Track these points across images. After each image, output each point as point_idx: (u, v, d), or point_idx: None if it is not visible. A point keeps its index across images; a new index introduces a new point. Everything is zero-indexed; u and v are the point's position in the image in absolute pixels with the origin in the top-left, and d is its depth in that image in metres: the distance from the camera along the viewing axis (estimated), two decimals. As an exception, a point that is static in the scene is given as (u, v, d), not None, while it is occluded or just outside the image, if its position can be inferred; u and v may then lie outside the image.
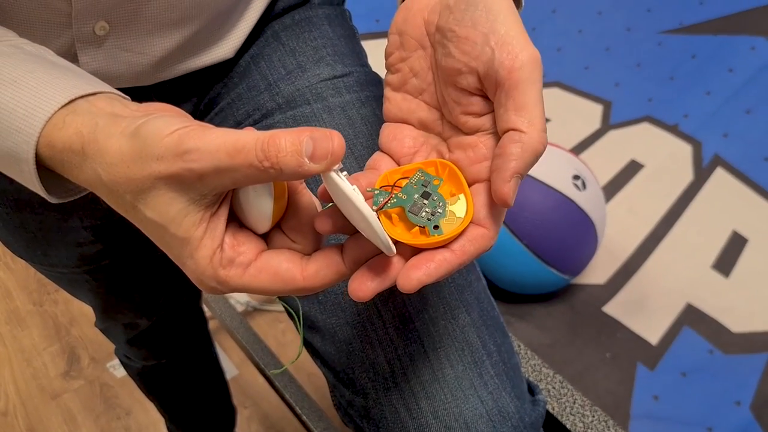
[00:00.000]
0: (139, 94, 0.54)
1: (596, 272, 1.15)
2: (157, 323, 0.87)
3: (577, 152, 1.37)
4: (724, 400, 0.97)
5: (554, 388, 0.89)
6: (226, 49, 0.56)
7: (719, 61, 1.49)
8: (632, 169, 1.36)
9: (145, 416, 1.43)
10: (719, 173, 1.33)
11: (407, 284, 0.32)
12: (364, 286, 0.33)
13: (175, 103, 0.50)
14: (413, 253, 0.34)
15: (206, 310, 1.19)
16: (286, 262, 0.34)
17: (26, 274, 1.73)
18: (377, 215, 0.33)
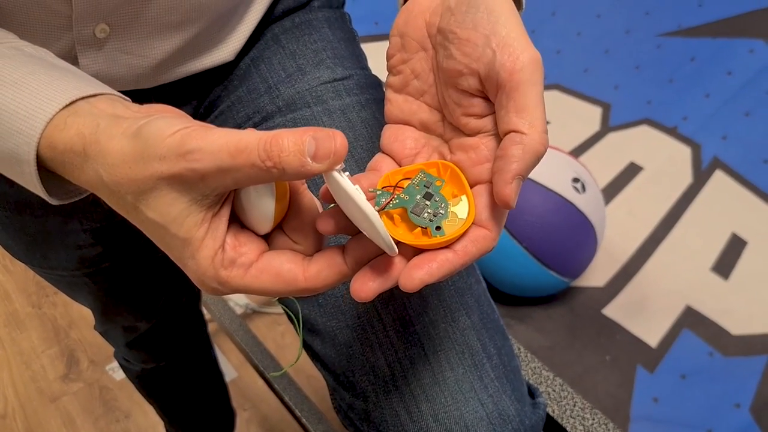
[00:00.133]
0: (139, 96, 0.54)
1: (596, 275, 1.15)
2: (156, 326, 0.86)
3: (576, 155, 1.37)
4: (723, 402, 0.97)
5: (554, 390, 0.89)
6: (226, 52, 0.56)
7: (718, 63, 1.49)
8: (631, 171, 1.36)
9: (144, 419, 1.43)
10: (718, 176, 1.34)
11: (409, 283, 0.32)
12: (365, 286, 0.33)
13: (175, 105, 0.49)
14: (415, 253, 0.34)
15: (205, 312, 1.19)
16: (287, 262, 0.34)
17: (25, 276, 1.73)
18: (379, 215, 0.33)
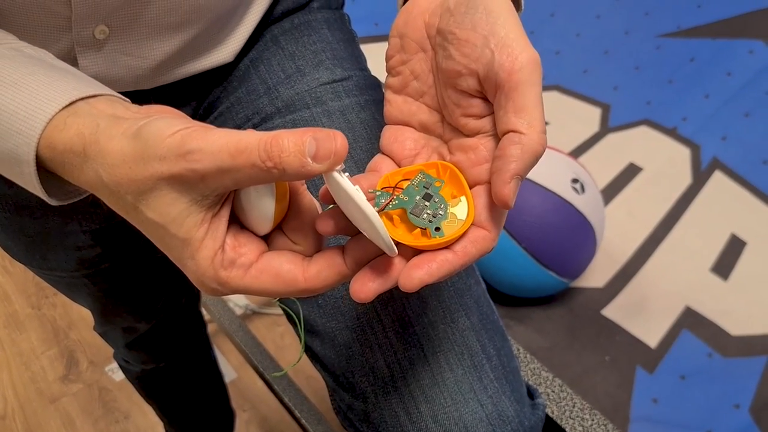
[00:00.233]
0: (138, 97, 0.54)
1: (595, 275, 1.15)
2: (155, 327, 0.86)
3: (575, 155, 1.38)
4: (723, 403, 0.97)
5: (553, 391, 0.89)
6: (225, 53, 0.56)
7: (718, 64, 1.49)
8: (631, 172, 1.36)
9: (143, 420, 1.43)
10: (718, 176, 1.34)
11: (408, 283, 0.32)
12: (365, 287, 0.33)
13: (174, 106, 0.49)
14: (414, 254, 0.34)
15: (205, 313, 1.19)
16: (287, 263, 0.34)
17: (25, 277, 1.73)
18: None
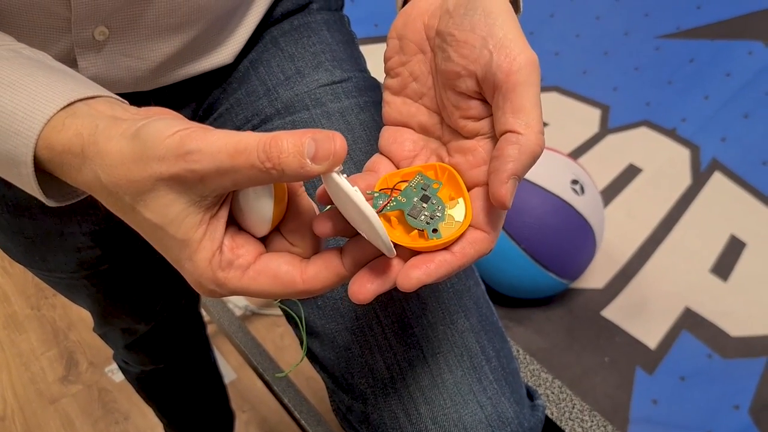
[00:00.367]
0: (138, 99, 0.54)
1: (594, 276, 1.15)
2: (155, 328, 0.86)
3: (575, 156, 1.38)
4: (722, 404, 0.97)
5: (553, 392, 0.89)
6: (225, 54, 0.56)
7: (717, 65, 1.49)
8: (630, 173, 1.36)
9: (143, 421, 1.43)
10: (717, 177, 1.34)
11: (406, 283, 0.32)
12: (363, 288, 0.33)
13: (173, 108, 0.50)
14: (412, 256, 0.34)
15: (205, 314, 1.19)
16: (285, 264, 0.34)
17: (24, 278, 1.73)
18: None
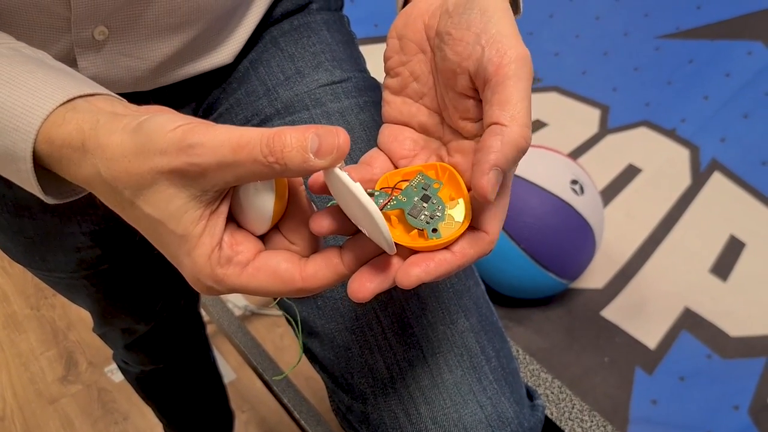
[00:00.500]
0: (137, 99, 0.54)
1: (594, 276, 1.15)
2: (155, 328, 0.86)
3: (574, 157, 1.38)
4: (722, 404, 0.97)
5: (553, 393, 0.89)
6: (224, 54, 0.56)
7: (716, 65, 1.50)
8: (630, 173, 1.36)
9: (142, 421, 1.43)
10: (717, 177, 1.34)
11: (406, 280, 0.32)
12: (363, 287, 0.33)
13: (173, 107, 0.50)
14: (411, 255, 0.34)
15: (204, 314, 1.19)
16: (284, 261, 0.33)
17: (24, 278, 1.73)
18: None
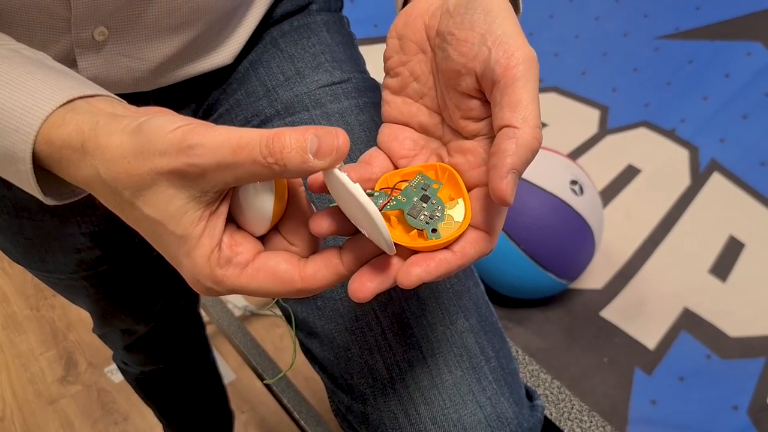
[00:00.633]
0: (137, 99, 0.54)
1: (594, 277, 1.15)
2: (154, 329, 0.86)
3: (574, 157, 1.38)
4: (721, 404, 0.97)
5: (552, 393, 0.89)
6: (224, 55, 0.56)
7: (716, 66, 1.50)
8: (629, 174, 1.36)
9: (142, 421, 1.43)
10: (716, 178, 1.34)
11: (406, 280, 0.32)
12: (363, 287, 0.33)
13: (173, 108, 0.50)
14: (411, 255, 0.34)
15: (204, 315, 1.19)
16: (284, 262, 0.34)
17: (23, 279, 1.73)
18: None
